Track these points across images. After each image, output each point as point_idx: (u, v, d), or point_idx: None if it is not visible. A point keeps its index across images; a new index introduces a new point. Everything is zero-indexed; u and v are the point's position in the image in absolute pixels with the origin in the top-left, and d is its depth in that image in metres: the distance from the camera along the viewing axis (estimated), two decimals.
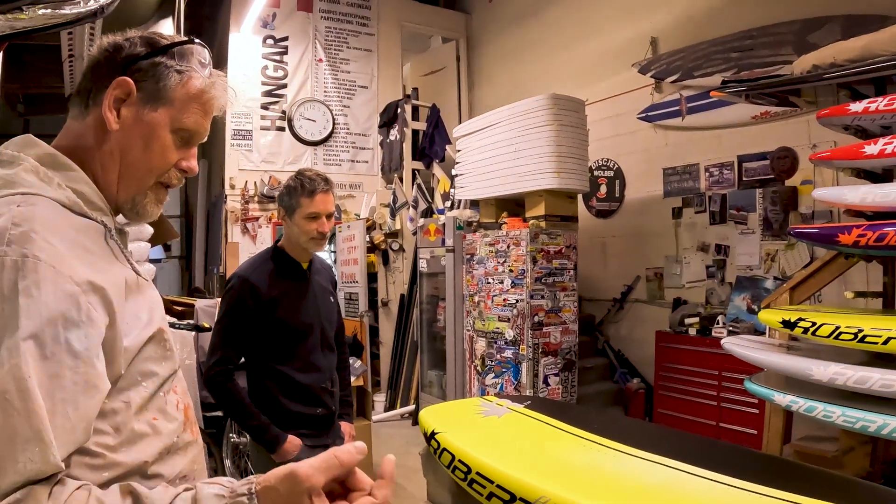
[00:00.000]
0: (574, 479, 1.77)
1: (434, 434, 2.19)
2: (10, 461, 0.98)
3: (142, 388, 1.24)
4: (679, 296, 6.83)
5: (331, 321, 3.30)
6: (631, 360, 7.28)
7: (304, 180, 3.03)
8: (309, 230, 3.04)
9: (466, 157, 6.87)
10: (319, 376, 3.13)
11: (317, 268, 3.32)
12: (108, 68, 1.33)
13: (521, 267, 5.86)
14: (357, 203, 9.92)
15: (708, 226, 6.61)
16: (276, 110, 9.51)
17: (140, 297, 1.29)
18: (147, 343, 1.26)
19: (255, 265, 3.17)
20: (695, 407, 6.08)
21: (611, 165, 7.65)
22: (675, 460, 1.79)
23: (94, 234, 1.26)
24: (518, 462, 1.88)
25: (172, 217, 11.83)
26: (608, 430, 2.11)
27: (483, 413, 2.39)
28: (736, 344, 4.25)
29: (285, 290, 3.10)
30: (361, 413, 6.17)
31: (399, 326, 8.70)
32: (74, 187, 1.26)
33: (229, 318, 3.05)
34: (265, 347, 3.08)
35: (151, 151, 1.34)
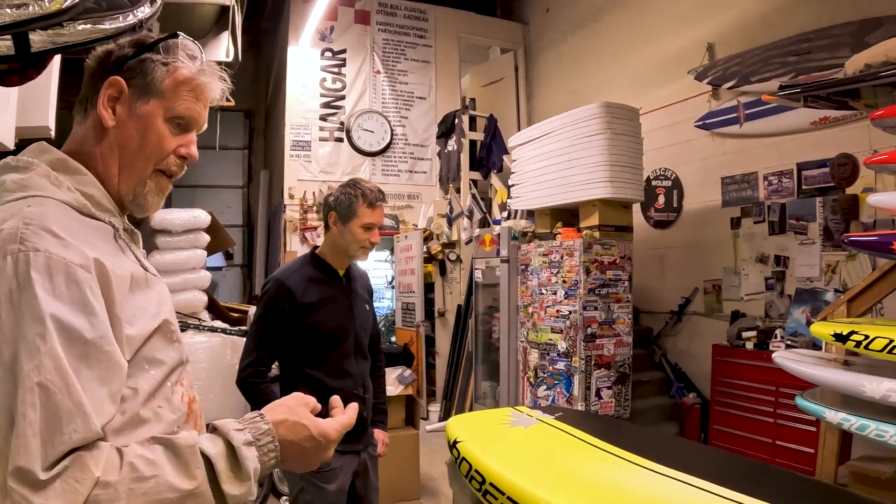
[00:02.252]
0: (588, 496, 1.72)
1: (456, 443, 2.16)
2: (58, 433, 1.09)
3: (149, 375, 1.32)
4: (737, 308, 6.64)
5: (365, 329, 3.31)
6: (688, 375, 7.12)
7: (364, 190, 3.10)
8: (362, 239, 3.11)
9: (521, 167, 6.82)
10: (351, 382, 3.14)
11: (353, 275, 3.34)
12: (102, 72, 1.41)
13: (574, 278, 5.78)
14: (415, 213, 9.96)
15: (767, 236, 6.42)
16: (334, 121, 9.62)
17: (148, 291, 1.39)
18: (154, 333, 1.34)
19: (292, 270, 3.20)
20: (751, 424, 5.91)
21: (668, 175, 7.52)
22: (705, 480, 1.71)
23: (102, 233, 1.35)
24: (533, 475, 1.83)
25: (235, 226, 12.08)
26: (640, 445, 2.05)
27: (510, 423, 2.35)
28: (787, 358, 4.11)
29: (321, 296, 3.12)
30: (411, 422, 6.16)
31: (455, 337, 8.66)
32: (83, 190, 1.35)
33: (263, 321, 3.09)
34: (298, 352, 3.11)
35: (147, 141, 1.42)
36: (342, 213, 3.12)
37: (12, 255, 1.15)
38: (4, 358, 1.11)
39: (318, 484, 3.11)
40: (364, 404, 3.22)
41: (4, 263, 1.15)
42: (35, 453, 1.07)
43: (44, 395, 1.09)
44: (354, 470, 3.26)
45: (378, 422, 3.50)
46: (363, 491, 3.34)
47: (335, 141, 9.67)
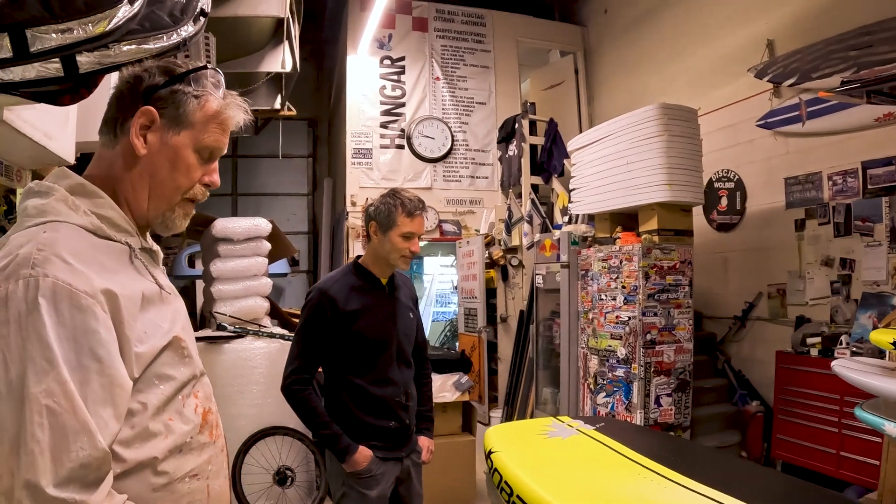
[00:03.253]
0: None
1: (490, 453, 2.14)
2: (65, 451, 1.16)
3: (159, 390, 1.38)
4: (802, 313, 6.44)
5: (409, 336, 3.32)
6: (751, 382, 6.93)
7: (403, 200, 3.13)
8: (402, 248, 3.13)
9: (581, 171, 6.75)
10: (394, 390, 3.15)
11: (398, 283, 3.36)
12: (132, 98, 1.47)
13: (633, 283, 5.69)
14: (476, 219, 9.96)
15: (832, 238, 6.21)
16: (395, 128, 9.68)
17: (163, 307, 1.46)
18: (164, 350, 1.40)
19: (335, 279, 3.24)
20: (815, 433, 5.72)
21: (731, 176, 7.36)
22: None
23: (116, 255, 1.42)
24: (561, 489, 1.79)
25: (300, 233, 12.24)
26: (682, 462, 1.99)
27: (548, 434, 2.31)
28: (847, 367, 3.97)
29: (364, 305, 3.14)
30: (468, 428, 6.15)
31: (517, 343, 8.61)
32: (100, 213, 1.42)
33: (307, 330, 3.13)
34: (342, 359, 3.14)
35: (177, 171, 1.49)
36: (381, 223, 3.14)
37: (24, 279, 1.22)
38: (11, 376, 1.17)
39: (360, 490, 3.12)
40: (407, 412, 3.23)
41: (16, 287, 1.21)
42: (43, 469, 1.14)
43: (52, 417, 1.16)
44: (397, 476, 3.26)
45: (423, 429, 3.50)
46: (406, 497, 3.34)
47: (396, 148, 9.73)
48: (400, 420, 3.19)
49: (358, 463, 3.07)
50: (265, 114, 7.43)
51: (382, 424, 3.15)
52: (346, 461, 3.07)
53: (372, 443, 3.14)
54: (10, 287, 1.20)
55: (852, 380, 3.86)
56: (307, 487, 5.81)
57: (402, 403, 3.19)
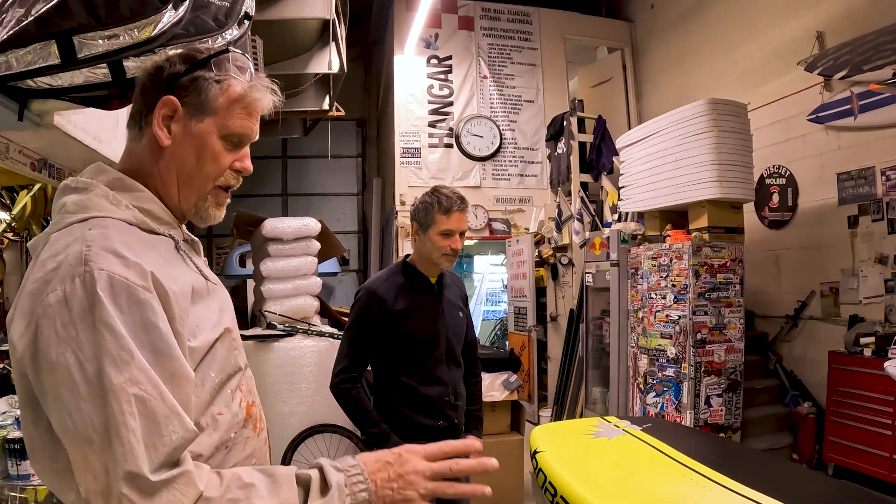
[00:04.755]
0: None
1: (536, 453, 2.14)
2: (159, 436, 1.16)
3: (210, 385, 1.36)
4: (855, 312, 6.31)
5: (458, 335, 3.30)
6: (804, 382, 6.81)
7: (440, 197, 3.09)
8: (442, 246, 3.10)
9: (630, 168, 6.71)
10: (443, 390, 3.15)
11: (446, 282, 3.34)
12: (154, 89, 1.44)
13: (683, 281, 5.64)
14: (526, 217, 9.94)
15: (886, 235, 6.07)
16: (443, 128, 9.71)
17: (211, 300, 1.44)
18: (216, 342, 1.39)
19: (383, 278, 3.24)
20: (868, 436, 5.60)
21: (782, 172, 7.23)
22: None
23: (163, 247, 1.41)
24: (605, 491, 1.78)
25: (350, 233, 12.32)
26: (730, 465, 1.96)
27: (594, 434, 2.30)
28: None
29: (412, 304, 3.14)
30: (516, 427, 6.13)
31: (567, 342, 8.58)
32: (142, 206, 1.41)
33: (355, 329, 3.14)
34: (391, 359, 3.15)
35: (204, 160, 1.45)
36: (421, 222, 3.14)
37: (80, 276, 1.19)
38: (89, 374, 1.16)
39: None
40: (456, 411, 3.23)
41: (74, 287, 1.19)
42: (142, 457, 1.14)
43: (141, 405, 1.16)
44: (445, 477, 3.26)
45: (472, 428, 3.49)
46: (454, 499, 3.34)
47: (444, 147, 9.76)
48: (449, 419, 3.19)
49: None
50: (314, 114, 7.48)
51: (431, 424, 3.15)
52: None
53: (420, 442, 3.14)
54: (67, 288, 1.19)
55: None
56: None
57: (451, 403, 3.19)
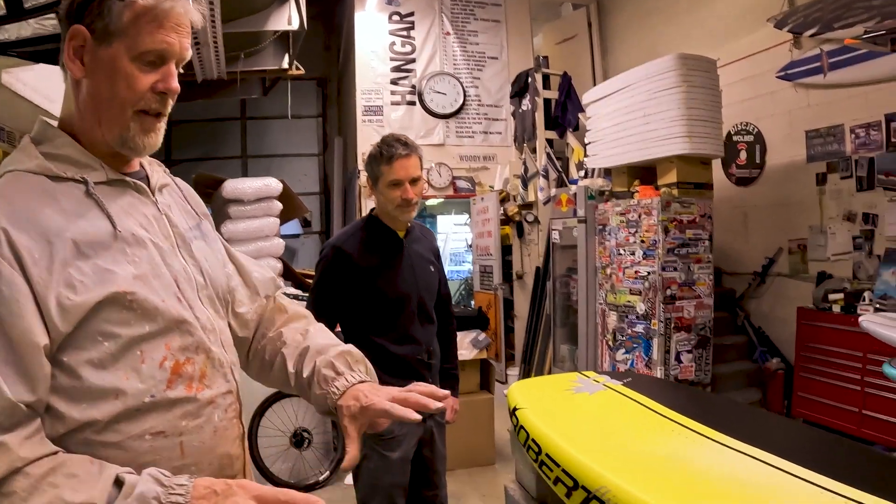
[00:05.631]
0: (648, 470, 1.59)
1: (515, 410, 2.05)
2: None
3: (103, 347, 1.26)
4: (823, 269, 6.30)
5: (430, 291, 3.19)
6: (772, 339, 6.83)
7: (382, 147, 2.94)
8: (393, 198, 2.95)
9: (597, 124, 6.61)
10: (416, 348, 3.04)
11: (416, 236, 3.22)
12: (68, 23, 1.35)
13: (652, 237, 5.59)
14: (491, 175, 9.87)
15: (854, 193, 6.05)
16: (405, 85, 9.58)
17: (115, 253, 1.33)
18: (105, 302, 1.27)
19: (349, 233, 3.12)
20: (837, 391, 5.64)
21: (750, 130, 7.18)
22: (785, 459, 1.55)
23: (66, 195, 1.32)
24: (592, 446, 1.71)
25: (312, 194, 12.16)
26: (713, 416, 1.90)
27: (574, 389, 2.23)
28: (875, 322, 3.88)
29: (380, 259, 3.02)
30: (486, 386, 6.10)
31: (534, 300, 8.55)
32: (55, 152, 1.35)
33: (321, 288, 3.03)
34: (360, 318, 3.03)
35: (118, 86, 1.35)
36: (371, 177, 3.02)
37: None
38: None
39: (382, 452, 3.04)
40: (430, 370, 3.14)
41: None
42: None
43: None
44: (420, 437, 3.18)
45: (447, 388, 3.41)
46: (430, 459, 3.26)
47: (407, 104, 9.63)
48: (423, 379, 3.08)
49: (379, 424, 2.98)
50: (273, 74, 7.33)
51: (404, 384, 3.06)
52: None
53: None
54: None
55: (882, 335, 3.78)
56: (324, 449, 5.79)
57: (424, 362, 3.10)
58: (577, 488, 1.59)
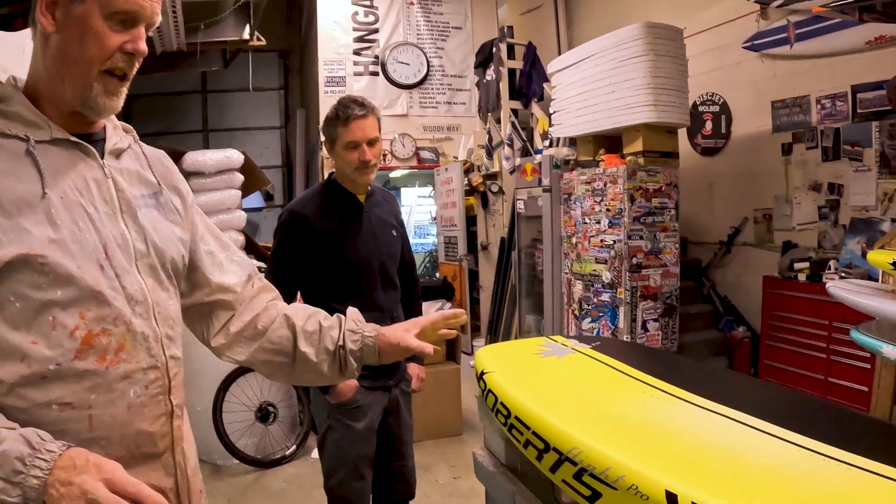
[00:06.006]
0: (620, 430, 1.56)
1: (483, 374, 2.01)
2: None
3: (14, 307, 1.25)
4: (789, 239, 6.36)
5: (393, 256, 3.13)
6: (738, 308, 6.88)
7: (338, 108, 2.86)
8: (351, 160, 2.88)
9: (562, 94, 6.56)
10: (378, 315, 2.96)
11: (377, 200, 3.14)
12: None
13: (618, 206, 5.56)
14: (455, 146, 9.79)
15: (820, 163, 6.08)
16: (368, 55, 9.46)
17: (38, 213, 1.29)
18: (18, 262, 1.25)
19: (307, 198, 3.04)
20: (802, 359, 5.69)
21: (716, 100, 7.18)
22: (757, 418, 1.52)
23: (7, 150, 1.31)
24: (562, 408, 1.67)
25: (274, 167, 12.03)
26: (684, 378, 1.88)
27: (542, 354, 2.18)
28: (843, 288, 3.89)
29: (339, 224, 2.94)
30: (452, 357, 6.07)
31: (499, 270, 8.53)
32: (8, 109, 1.34)
33: (280, 254, 2.94)
34: (320, 285, 2.96)
35: (86, 43, 1.33)
36: (328, 139, 2.94)
37: None
38: None
39: (346, 422, 2.99)
40: None
41: None
42: None
43: None
44: (385, 407, 3.13)
45: (412, 357, 3.36)
46: (396, 428, 3.22)
47: (370, 75, 9.49)
48: None
49: (343, 393, 2.93)
50: (234, 45, 7.20)
51: None
52: (331, 392, 2.92)
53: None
54: None
55: (850, 301, 3.79)
56: (290, 423, 5.74)
57: None
58: (549, 451, 1.55)
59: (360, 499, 3.13)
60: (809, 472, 1.28)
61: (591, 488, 1.42)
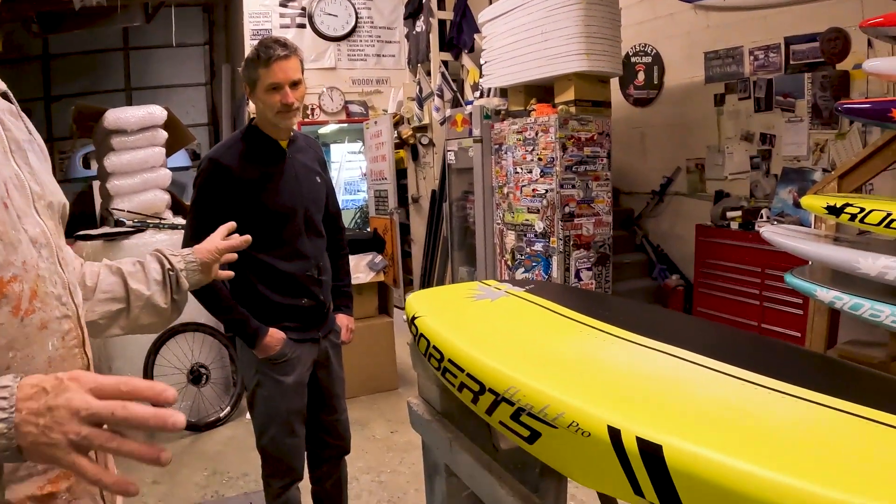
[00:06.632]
0: (557, 368, 1.50)
1: (414, 319, 1.93)
2: None
3: None
4: (721, 188, 6.44)
5: (317, 203, 3.01)
6: (671, 257, 6.96)
7: (260, 49, 2.70)
8: (273, 103, 2.73)
9: (493, 43, 6.47)
10: (304, 264, 2.87)
11: (300, 146, 3.01)
12: None
13: (549, 155, 5.52)
14: (384, 99, 9.67)
15: (752, 113, 6.15)
16: (295, 7, 9.25)
17: None
18: None
19: (226, 145, 2.89)
20: (736, 306, 5.80)
21: (649, 51, 7.16)
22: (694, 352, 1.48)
23: None
24: (495, 349, 1.61)
25: (200, 125, 11.74)
26: (620, 317, 1.82)
27: (476, 297, 2.12)
28: (776, 233, 3.92)
29: (262, 171, 2.81)
30: (385, 310, 6.00)
31: (430, 223, 8.49)
32: None
33: (200, 206, 2.80)
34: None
35: None
36: (249, 82, 2.79)
37: None
38: None
39: (275, 377, 2.89)
40: (321, 287, 2.98)
41: None
42: None
43: None
44: (314, 359, 3.04)
45: (341, 306, 3.26)
46: (326, 382, 3.13)
47: (297, 27, 9.28)
48: (313, 296, 2.94)
49: (270, 347, 2.83)
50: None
51: (293, 303, 2.89)
52: (257, 346, 2.82)
53: (284, 324, 2.89)
54: None
55: (784, 245, 3.83)
56: (224, 384, 5.63)
57: (314, 278, 2.93)
58: (484, 392, 1.49)
59: (293, 456, 3.05)
60: (750, 403, 1.24)
61: (530, 428, 1.36)
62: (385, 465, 4.65)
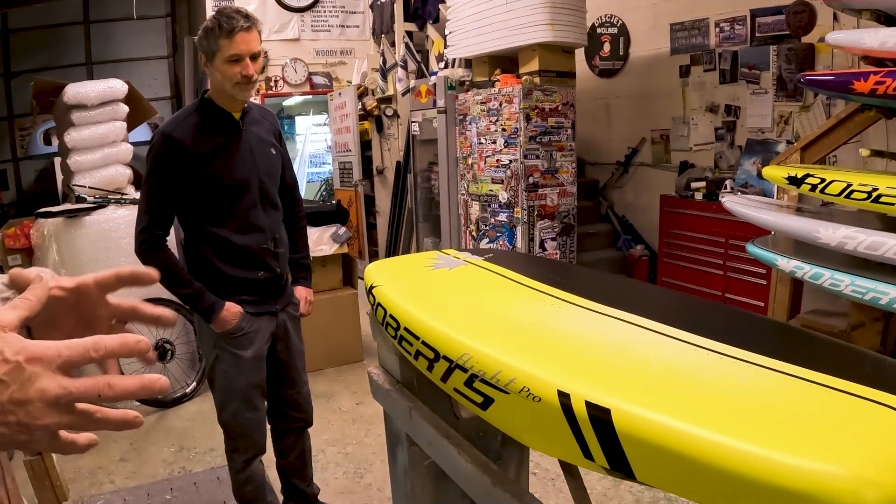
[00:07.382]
0: (512, 335, 1.50)
1: (372, 288, 1.92)
2: None
3: None
4: (686, 159, 6.49)
5: (272, 175, 2.97)
6: (636, 227, 7.00)
7: (221, 19, 2.65)
8: (232, 75, 2.68)
9: (457, 14, 6.41)
10: (260, 237, 2.84)
11: (255, 118, 2.96)
12: None
13: (514, 125, 5.50)
14: (348, 70, 9.58)
15: (717, 85, 6.20)
16: None
17: None
18: None
19: (179, 119, 2.83)
20: (700, 276, 5.87)
21: (614, 22, 7.16)
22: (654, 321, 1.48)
23: None
24: (452, 317, 1.60)
25: (163, 99, 11.55)
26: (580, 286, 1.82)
27: (434, 266, 2.11)
28: (738, 203, 3.96)
29: (215, 144, 2.76)
30: (349, 282, 5.98)
31: (395, 195, 8.45)
32: None
33: (154, 180, 2.75)
34: (198, 209, 2.79)
35: None
36: (207, 53, 2.73)
37: None
38: None
39: (233, 351, 2.87)
40: (277, 259, 2.95)
41: None
42: None
43: None
44: (273, 332, 3.02)
45: (299, 278, 3.24)
46: (285, 355, 3.11)
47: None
48: (270, 269, 2.92)
49: (226, 321, 2.80)
50: None
51: (250, 276, 2.87)
52: (213, 320, 2.79)
53: (241, 298, 2.86)
54: None
55: (746, 215, 3.87)
56: (189, 360, 5.59)
57: (270, 251, 2.90)
58: (439, 359, 1.49)
59: (255, 430, 3.04)
60: (706, 369, 1.24)
61: (483, 394, 1.36)
62: (351, 437, 4.65)
